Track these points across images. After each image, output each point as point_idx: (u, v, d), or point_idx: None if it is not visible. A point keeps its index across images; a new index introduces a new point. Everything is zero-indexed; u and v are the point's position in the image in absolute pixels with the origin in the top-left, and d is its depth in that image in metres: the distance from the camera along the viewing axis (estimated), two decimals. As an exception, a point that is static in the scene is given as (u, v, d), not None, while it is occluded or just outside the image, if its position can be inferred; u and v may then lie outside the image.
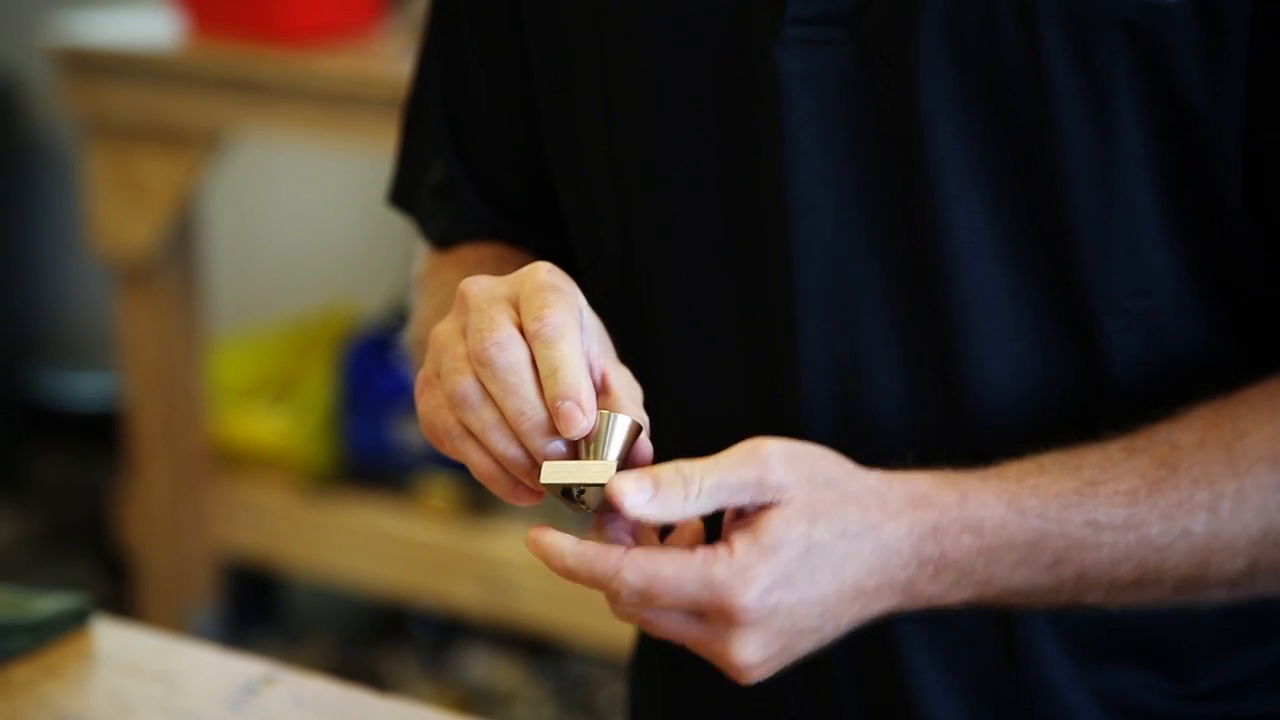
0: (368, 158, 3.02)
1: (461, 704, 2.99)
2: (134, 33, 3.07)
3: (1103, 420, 1.12)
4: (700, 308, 1.19)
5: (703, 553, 0.99)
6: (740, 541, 0.99)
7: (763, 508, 1.00)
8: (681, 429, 1.21)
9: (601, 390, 1.03)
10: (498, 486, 1.02)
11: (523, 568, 2.89)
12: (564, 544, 0.99)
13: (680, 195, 1.18)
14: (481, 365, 1.01)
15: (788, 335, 1.15)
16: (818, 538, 1.00)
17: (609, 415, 1.00)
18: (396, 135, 1.35)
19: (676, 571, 0.98)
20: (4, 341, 3.82)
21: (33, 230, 3.84)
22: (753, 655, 1.01)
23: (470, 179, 1.30)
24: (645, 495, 0.98)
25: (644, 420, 1.02)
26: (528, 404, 1.00)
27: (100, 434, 3.54)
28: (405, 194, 1.35)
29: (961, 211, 1.11)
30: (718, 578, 0.98)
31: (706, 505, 0.99)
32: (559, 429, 0.99)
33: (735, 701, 1.26)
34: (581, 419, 0.99)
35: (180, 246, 3.09)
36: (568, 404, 0.99)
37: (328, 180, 3.58)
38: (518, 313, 1.03)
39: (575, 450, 1.00)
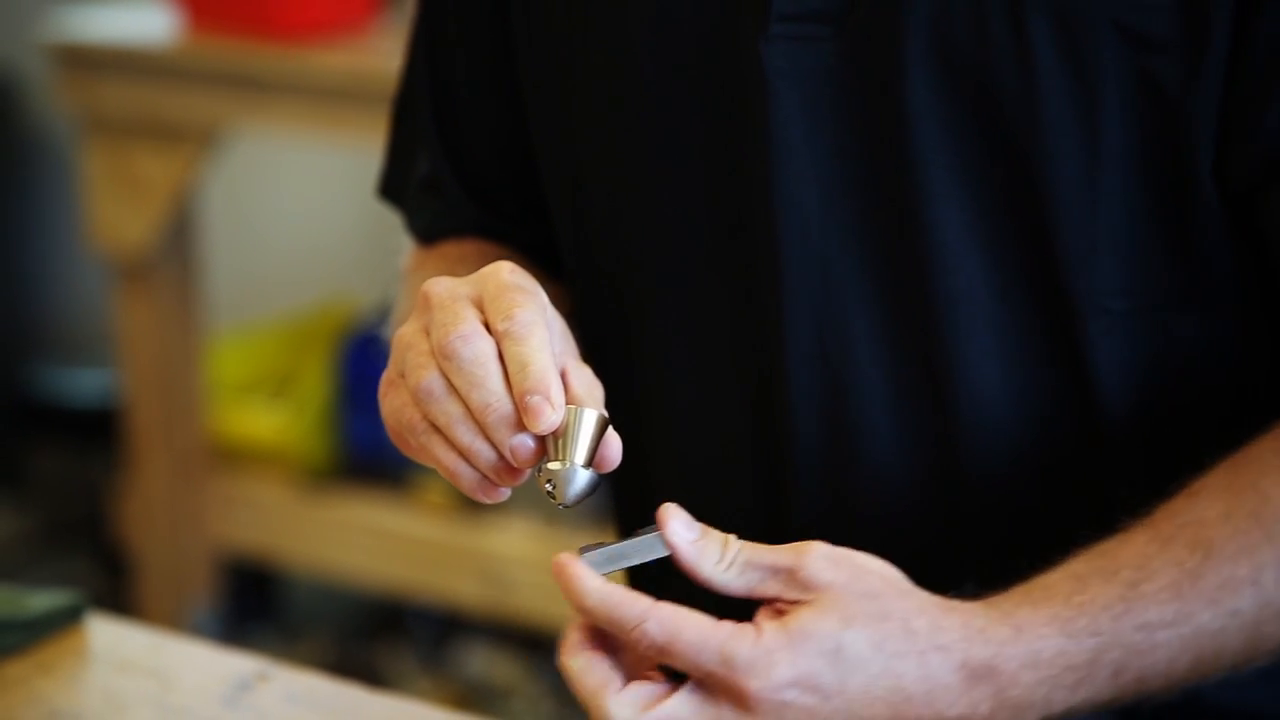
0: (365, 154, 3.01)
1: (460, 699, 2.98)
2: (131, 29, 3.07)
3: (1090, 421, 1.12)
4: (687, 304, 1.19)
5: (731, 627, 0.96)
6: (768, 626, 0.97)
7: (796, 602, 0.98)
8: (668, 424, 1.21)
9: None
10: (463, 482, 1.01)
11: (521, 563, 2.89)
12: (592, 582, 0.97)
13: (666, 192, 1.18)
14: (446, 359, 1.00)
15: (775, 331, 1.15)
16: (850, 645, 0.97)
17: (576, 410, 0.99)
18: (386, 128, 1.35)
19: (699, 637, 0.96)
20: (2, 338, 3.82)
21: (30, 227, 3.83)
22: None
23: (456, 173, 1.29)
24: (691, 535, 0.98)
25: (605, 414, 1.01)
26: (494, 396, 0.99)
27: (98, 430, 3.54)
28: (394, 188, 1.35)
29: (948, 209, 1.11)
30: (739, 656, 0.95)
31: (735, 579, 0.98)
32: (527, 423, 0.98)
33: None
34: (550, 413, 0.98)
35: (178, 242, 3.08)
36: (536, 399, 0.98)
37: (325, 176, 3.58)
38: (482, 311, 1.02)
39: (543, 446, 0.99)
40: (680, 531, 0.98)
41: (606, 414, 1.01)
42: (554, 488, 1.00)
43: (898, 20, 1.09)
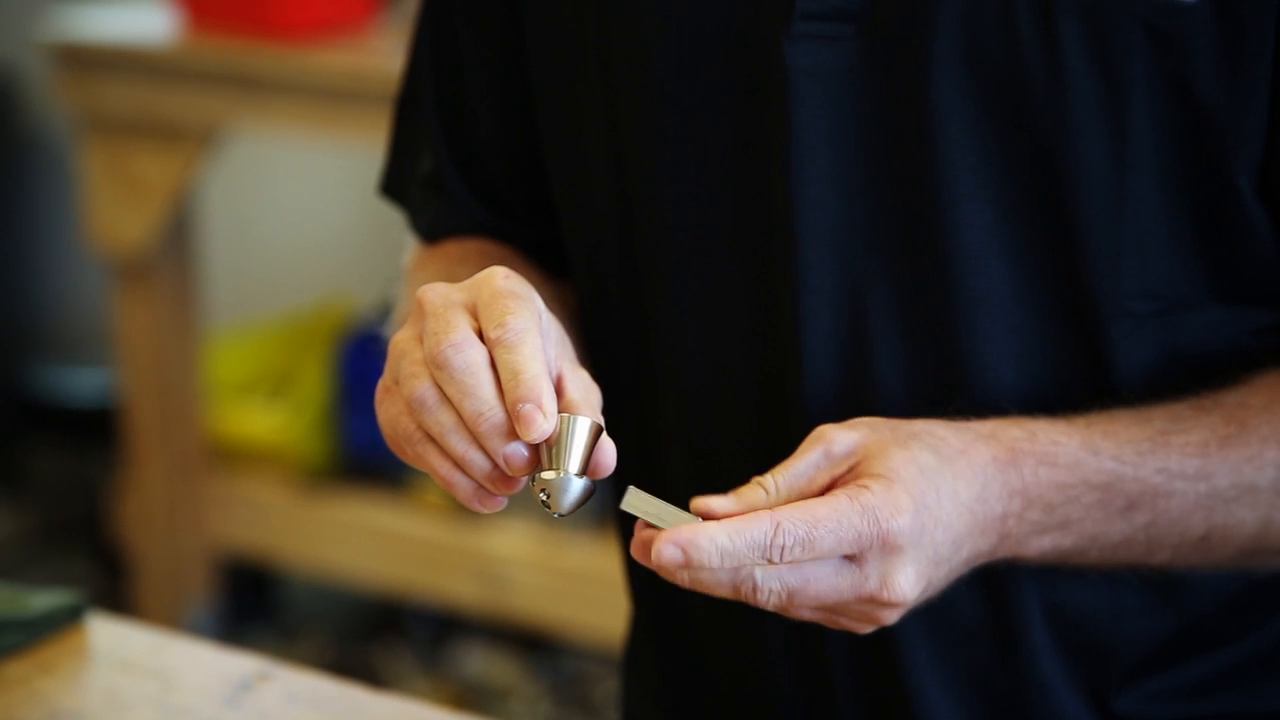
0: (364, 153, 3.02)
1: (458, 700, 2.98)
2: (130, 28, 3.07)
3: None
4: (705, 304, 1.18)
5: (845, 491, 0.99)
6: (869, 482, 1.00)
7: (851, 469, 1.01)
8: (683, 422, 1.21)
9: (556, 393, 1.02)
10: (459, 492, 1.01)
11: (519, 563, 2.88)
12: (712, 531, 0.97)
13: (687, 191, 1.17)
14: (438, 368, 1.00)
15: (794, 331, 1.14)
16: (921, 458, 1.01)
17: (569, 418, 0.99)
18: (388, 126, 1.35)
19: (832, 510, 0.98)
20: (0, 337, 3.82)
21: (29, 226, 3.83)
22: (911, 586, 1.00)
23: (460, 171, 1.29)
24: (729, 502, 0.99)
25: (600, 420, 1.01)
26: (486, 405, 0.99)
27: (97, 430, 3.54)
28: (396, 185, 1.35)
29: (971, 210, 1.10)
30: (874, 506, 0.99)
31: (788, 497, 1.00)
32: (519, 432, 0.98)
33: (731, 694, 1.26)
34: (542, 422, 0.98)
35: (176, 242, 3.08)
36: (528, 407, 0.98)
37: (324, 176, 3.58)
38: (475, 318, 1.02)
39: (536, 454, 0.99)
40: (723, 504, 0.99)
41: (601, 421, 1.01)
42: (548, 497, 0.99)
43: (924, 20, 1.08)
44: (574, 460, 0.99)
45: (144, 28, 3.06)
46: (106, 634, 1.37)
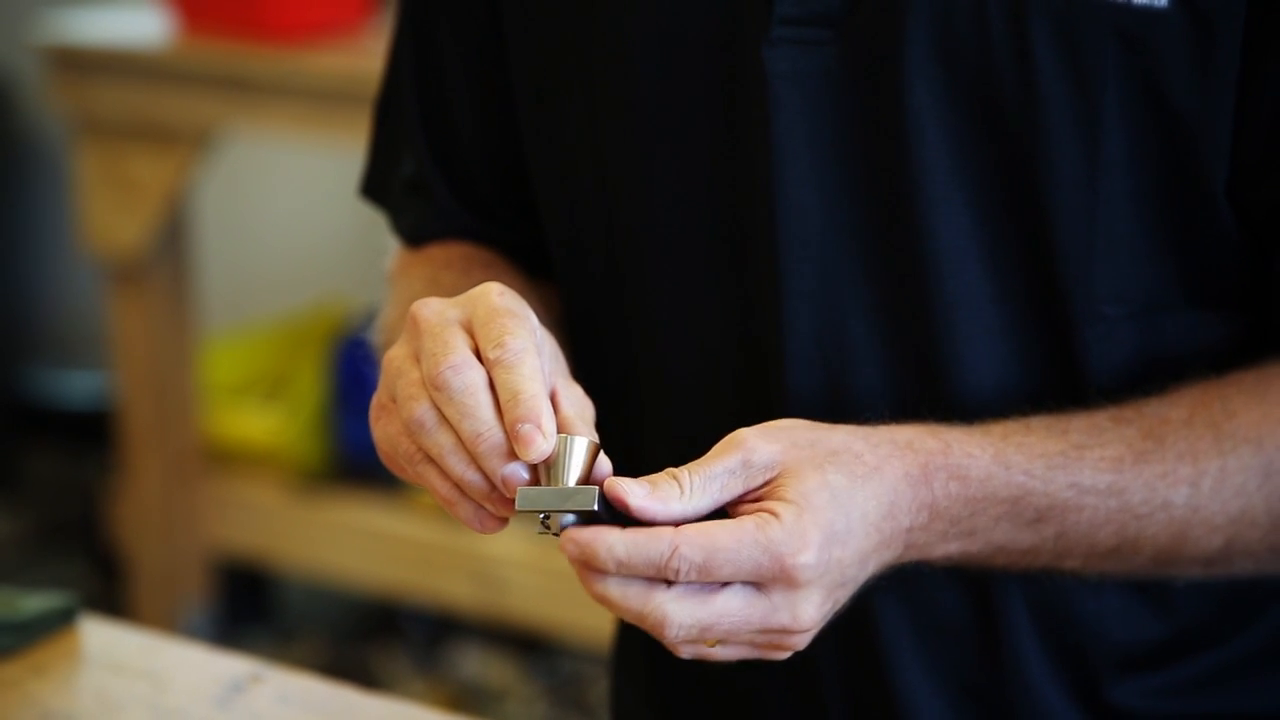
0: (358, 155, 3.01)
1: (454, 701, 2.99)
2: (124, 31, 3.07)
3: None
4: (687, 306, 1.19)
5: (752, 519, 0.98)
6: (777, 507, 0.98)
7: (767, 483, 1.00)
8: (666, 425, 1.21)
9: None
10: (460, 513, 1.01)
11: (514, 565, 2.89)
12: (610, 537, 0.97)
13: (667, 194, 1.18)
14: (437, 390, 1.00)
15: (774, 332, 1.15)
16: (833, 483, 1.00)
17: (567, 439, 0.99)
18: (369, 128, 1.35)
19: (733, 539, 0.97)
20: (-4, 340, 3.82)
21: (23, 229, 3.83)
22: (815, 614, 0.99)
23: (442, 173, 1.29)
24: (646, 492, 0.98)
25: (596, 438, 1.01)
26: (484, 426, 0.99)
27: (92, 432, 3.54)
28: (377, 187, 1.35)
29: (947, 213, 1.11)
30: (776, 539, 0.97)
31: (702, 500, 0.98)
32: (518, 452, 0.98)
33: (719, 694, 1.26)
34: (541, 442, 0.98)
35: (171, 244, 3.08)
36: (527, 427, 0.98)
37: (318, 178, 3.58)
38: (471, 336, 1.02)
39: (535, 475, 0.99)
40: (637, 493, 0.97)
41: (598, 440, 1.01)
42: (547, 517, 0.99)
43: (899, 24, 1.09)
44: (572, 480, 0.99)
45: (138, 30, 3.06)
46: (98, 636, 1.38)
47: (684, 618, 0.97)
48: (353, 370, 3.13)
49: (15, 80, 3.76)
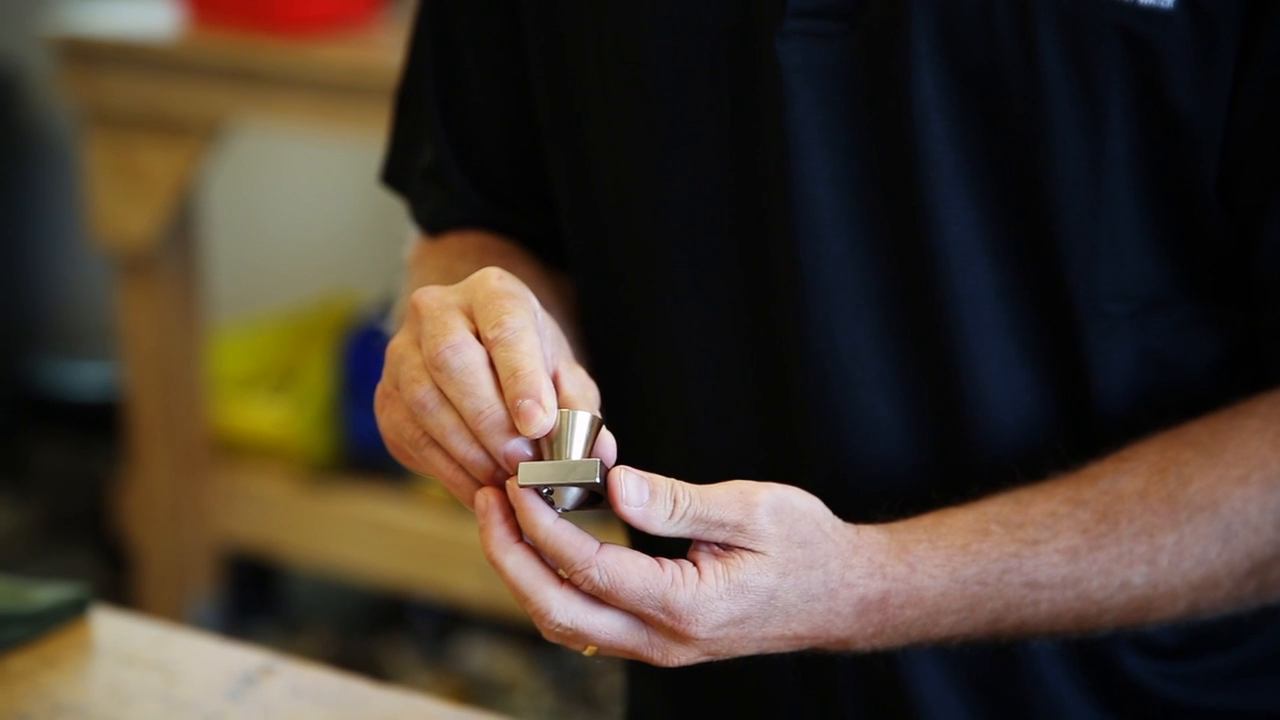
0: (367, 147, 3.02)
1: (461, 694, 2.99)
2: (134, 22, 3.07)
3: (1087, 421, 1.12)
4: (699, 298, 1.19)
5: (672, 571, 0.99)
6: (710, 570, 0.99)
7: (740, 547, 1.00)
8: (676, 416, 1.21)
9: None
10: (464, 493, 1.02)
11: (522, 558, 2.88)
12: (543, 515, 0.98)
13: (680, 186, 1.18)
14: (437, 369, 1.01)
15: (787, 327, 1.15)
16: (782, 594, 1.01)
17: (569, 413, 0.99)
18: (389, 116, 1.35)
19: (642, 584, 0.98)
20: (4, 331, 3.82)
21: (32, 220, 3.83)
22: (685, 660, 1.02)
23: (460, 162, 1.29)
24: (641, 499, 0.98)
25: (600, 415, 1.01)
26: (485, 403, 0.99)
27: (100, 424, 3.54)
28: (397, 175, 1.35)
29: (954, 208, 1.11)
30: (680, 603, 0.98)
31: (682, 529, 0.99)
32: (519, 428, 0.98)
33: (735, 690, 1.26)
34: (542, 416, 0.98)
35: (180, 236, 3.08)
36: (528, 402, 0.98)
37: (327, 170, 3.58)
38: (471, 319, 1.02)
39: (538, 450, 0.99)
40: (630, 496, 0.98)
41: (600, 415, 1.01)
42: (551, 493, 0.99)
43: (906, 17, 1.09)
44: (575, 455, 0.99)
45: (147, 21, 3.06)
46: (110, 628, 1.38)
47: (564, 619, 0.99)
48: (361, 362, 3.13)
49: (25, 71, 3.76)
